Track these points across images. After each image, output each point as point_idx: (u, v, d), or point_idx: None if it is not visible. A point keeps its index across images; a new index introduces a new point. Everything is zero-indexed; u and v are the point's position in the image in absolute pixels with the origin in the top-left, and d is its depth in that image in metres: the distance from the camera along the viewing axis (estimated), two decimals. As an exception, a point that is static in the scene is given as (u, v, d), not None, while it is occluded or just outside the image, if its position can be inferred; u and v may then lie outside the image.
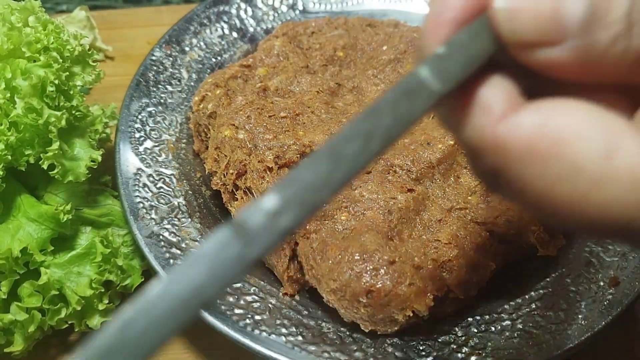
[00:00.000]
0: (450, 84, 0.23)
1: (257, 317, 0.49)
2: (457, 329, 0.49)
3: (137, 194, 0.56)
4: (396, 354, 0.47)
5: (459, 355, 0.47)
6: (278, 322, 0.49)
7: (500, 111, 0.23)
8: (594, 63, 0.22)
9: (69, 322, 0.52)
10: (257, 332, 0.48)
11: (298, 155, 0.54)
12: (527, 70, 0.24)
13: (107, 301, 0.53)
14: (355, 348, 0.48)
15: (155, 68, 0.66)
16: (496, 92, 0.23)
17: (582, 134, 0.21)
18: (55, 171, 0.51)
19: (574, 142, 0.21)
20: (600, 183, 0.21)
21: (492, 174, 0.24)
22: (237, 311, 0.49)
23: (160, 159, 0.59)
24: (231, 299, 0.50)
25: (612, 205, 0.21)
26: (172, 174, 0.59)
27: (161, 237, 0.53)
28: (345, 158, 0.22)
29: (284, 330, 0.48)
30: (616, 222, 0.21)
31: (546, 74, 0.24)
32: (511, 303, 0.51)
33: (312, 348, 0.47)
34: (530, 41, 0.23)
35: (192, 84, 0.67)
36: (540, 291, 0.52)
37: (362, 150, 0.22)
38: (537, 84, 0.25)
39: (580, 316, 0.48)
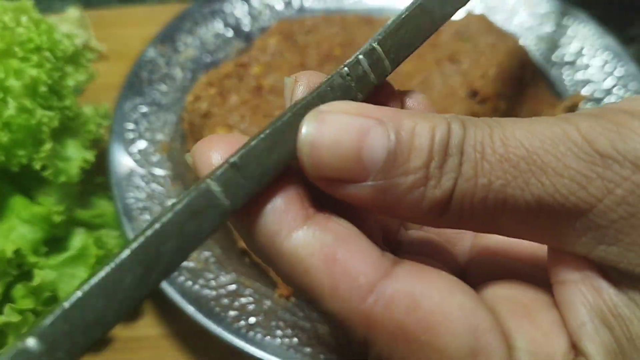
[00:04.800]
0: (241, 200, 0.22)
1: (252, 319, 0.49)
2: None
3: (130, 194, 0.55)
4: (392, 355, 0.47)
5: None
6: (273, 324, 0.49)
7: (369, 283, 0.21)
8: (392, 204, 0.22)
9: (63, 324, 0.52)
10: (252, 334, 0.47)
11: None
12: None
13: (101, 303, 0.53)
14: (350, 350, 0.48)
15: (149, 67, 0.65)
16: (361, 259, 0.22)
17: (451, 327, 0.21)
18: (48, 172, 0.51)
19: (444, 335, 0.21)
20: None
21: (361, 343, 0.23)
22: (231, 313, 0.49)
23: (153, 159, 0.59)
24: (226, 301, 0.50)
25: None
26: (165, 175, 0.58)
27: (155, 238, 0.53)
28: (120, 293, 0.20)
29: (279, 332, 0.48)
30: None
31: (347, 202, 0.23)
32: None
33: (308, 350, 0.47)
34: (331, 177, 0.22)
35: (187, 83, 0.66)
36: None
37: (140, 283, 0.20)
38: None
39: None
